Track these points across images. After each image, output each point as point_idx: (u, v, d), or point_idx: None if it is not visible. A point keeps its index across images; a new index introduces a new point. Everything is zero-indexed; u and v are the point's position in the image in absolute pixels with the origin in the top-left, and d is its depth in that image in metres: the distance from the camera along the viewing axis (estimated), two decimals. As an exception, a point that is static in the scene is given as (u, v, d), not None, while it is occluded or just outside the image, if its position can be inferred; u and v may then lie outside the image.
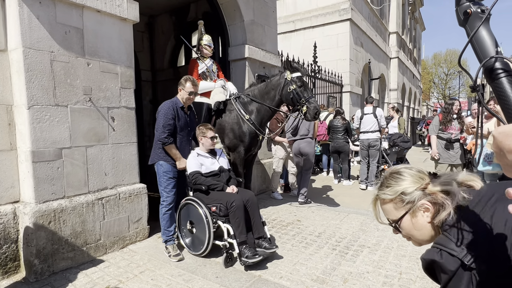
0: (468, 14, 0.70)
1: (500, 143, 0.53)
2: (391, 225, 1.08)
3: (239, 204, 2.82)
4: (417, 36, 26.87)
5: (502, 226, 0.80)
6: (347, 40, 10.99)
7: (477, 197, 0.89)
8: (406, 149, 6.73)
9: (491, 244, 0.80)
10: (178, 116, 3.12)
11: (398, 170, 1.06)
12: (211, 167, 3.14)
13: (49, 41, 2.69)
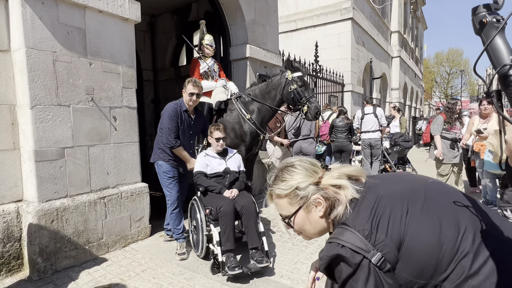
0: (484, 24, 0.72)
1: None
2: (283, 221, 1.05)
3: (227, 209, 2.68)
4: (419, 35, 26.79)
5: (398, 217, 0.83)
6: (348, 39, 10.97)
7: (369, 190, 0.92)
8: (408, 148, 6.74)
9: (389, 234, 0.81)
10: (181, 119, 3.10)
11: (292, 163, 1.04)
12: (217, 168, 3.05)
13: (52, 41, 2.71)
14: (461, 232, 0.81)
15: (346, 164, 1.09)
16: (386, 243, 0.81)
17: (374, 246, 0.81)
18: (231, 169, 3.09)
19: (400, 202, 0.86)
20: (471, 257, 0.79)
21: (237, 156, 3.22)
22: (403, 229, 0.82)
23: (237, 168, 3.15)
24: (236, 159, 3.18)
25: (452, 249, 0.80)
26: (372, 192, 0.91)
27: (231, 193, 2.86)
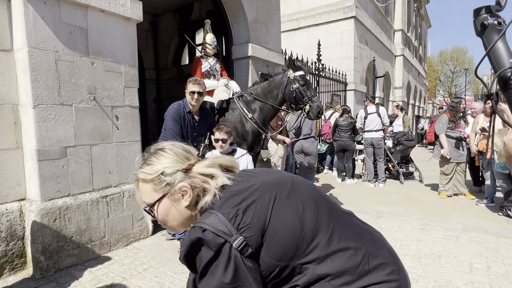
0: (485, 26, 0.73)
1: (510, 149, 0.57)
2: (145, 209, 0.97)
3: None
4: (422, 34, 26.61)
5: (266, 203, 0.85)
6: (351, 38, 10.92)
7: (242, 180, 0.92)
8: (410, 147, 6.70)
9: (255, 218, 0.82)
10: (185, 121, 3.03)
11: (163, 147, 0.97)
12: None
13: (54, 41, 2.72)
14: (320, 216, 0.87)
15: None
16: (250, 227, 0.80)
17: (238, 230, 0.79)
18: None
19: (269, 190, 0.88)
20: (327, 238, 0.84)
21: (245, 158, 3.04)
22: (269, 214, 0.83)
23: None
24: (242, 162, 3.00)
25: (313, 229, 0.84)
26: (244, 182, 0.91)
27: None
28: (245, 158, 3.05)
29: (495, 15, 0.73)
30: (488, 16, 0.73)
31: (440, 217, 4.14)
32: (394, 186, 6.14)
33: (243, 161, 3.04)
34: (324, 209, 0.90)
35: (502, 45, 0.71)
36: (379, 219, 4.05)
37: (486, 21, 0.73)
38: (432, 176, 6.98)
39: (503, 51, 0.70)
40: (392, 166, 6.68)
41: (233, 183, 0.90)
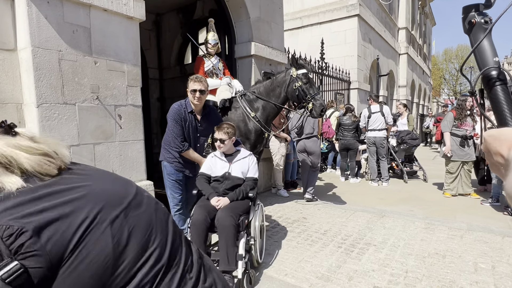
0: (473, 24, 0.74)
1: (489, 144, 0.57)
2: None
3: (197, 219, 2.36)
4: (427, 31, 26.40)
5: (73, 229, 0.57)
6: (355, 36, 10.87)
7: (54, 182, 0.60)
8: (415, 146, 6.65)
9: (50, 249, 0.55)
10: (185, 121, 2.84)
11: None
12: (218, 171, 2.72)
13: (57, 40, 2.73)
14: (151, 256, 0.65)
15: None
16: (38, 254, 0.54)
17: (14, 253, 0.52)
18: (232, 174, 2.69)
19: (92, 205, 0.62)
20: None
21: (247, 161, 2.77)
22: (75, 240, 0.58)
23: (242, 174, 2.71)
24: (244, 164, 2.76)
25: (129, 271, 0.62)
26: (61, 182, 0.62)
27: (217, 202, 2.51)
28: (247, 161, 2.76)
29: (483, 13, 0.74)
30: (475, 14, 0.74)
31: (444, 216, 4.11)
32: (398, 185, 6.10)
33: (245, 163, 2.74)
34: (162, 246, 0.67)
35: (487, 44, 0.72)
36: (383, 218, 4.03)
37: (474, 19, 0.74)
38: (437, 175, 6.92)
39: (488, 50, 0.72)
40: (396, 165, 6.64)
41: (40, 181, 0.60)
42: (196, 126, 2.92)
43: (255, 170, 2.78)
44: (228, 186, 2.66)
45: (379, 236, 3.42)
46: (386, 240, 3.31)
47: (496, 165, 0.57)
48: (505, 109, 0.67)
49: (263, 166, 5.38)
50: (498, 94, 0.69)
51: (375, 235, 3.47)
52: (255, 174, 2.77)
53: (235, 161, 2.75)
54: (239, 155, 2.80)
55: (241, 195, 2.60)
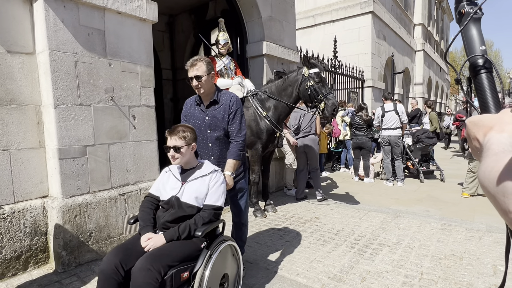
0: (462, 14, 0.76)
1: (469, 130, 0.60)
2: None
3: (105, 268, 1.59)
4: (444, 27, 25.69)
5: None
6: (369, 34, 10.70)
7: None
8: (431, 145, 6.48)
9: None
10: (192, 116, 2.37)
11: None
12: (168, 193, 1.92)
13: (73, 43, 2.81)
14: None
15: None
16: None
17: None
18: (182, 199, 1.86)
19: None
20: None
21: (207, 180, 1.91)
22: None
23: (196, 200, 1.86)
24: (201, 185, 1.89)
25: None
26: None
27: (147, 241, 1.72)
28: (208, 180, 1.91)
29: (472, 3, 0.76)
30: (465, 4, 0.76)
31: (462, 217, 4.00)
32: (413, 185, 5.97)
33: (203, 184, 1.89)
34: None
35: (475, 32, 0.74)
36: (397, 219, 3.95)
37: (463, 9, 0.76)
38: (454, 175, 6.73)
39: (476, 38, 0.74)
40: (412, 164, 6.49)
41: None
42: (203, 119, 2.31)
43: (218, 194, 1.90)
44: (173, 217, 1.83)
45: (393, 237, 3.36)
46: (401, 241, 3.24)
47: (475, 150, 0.59)
48: (488, 96, 0.69)
49: (275, 165, 5.37)
50: (482, 82, 0.71)
51: (389, 235, 3.41)
52: (217, 200, 1.88)
53: (190, 180, 1.91)
54: (198, 171, 1.96)
55: (185, 232, 1.76)
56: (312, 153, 4.82)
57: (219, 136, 2.32)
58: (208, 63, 2.24)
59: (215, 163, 2.24)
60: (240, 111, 2.32)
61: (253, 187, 4.19)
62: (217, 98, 2.31)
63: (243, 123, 2.32)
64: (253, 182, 4.14)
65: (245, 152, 2.36)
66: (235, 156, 2.25)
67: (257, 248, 3.14)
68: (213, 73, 2.25)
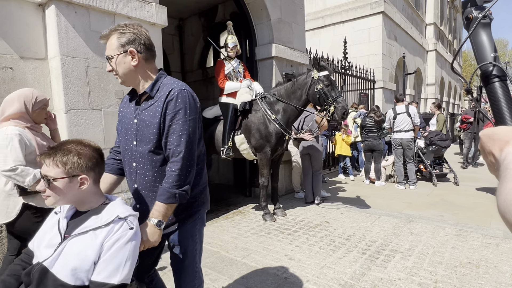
0: (470, 19, 0.72)
1: (483, 144, 0.56)
2: None
3: None
4: (457, 26, 25.19)
5: None
6: (379, 34, 10.57)
7: None
8: (444, 148, 6.34)
9: None
10: (123, 111, 1.53)
11: None
12: (42, 253, 1.14)
13: (84, 48, 2.84)
14: None
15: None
16: None
17: None
18: (51, 270, 1.08)
19: None
20: None
21: (100, 237, 1.12)
22: None
23: (73, 276, 1.07)
24: (89, 246, 1.10)
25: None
26: None
27: None
28: (102, 237, 1.12)
29: (480, 8, 0.71)
30: (472, 9, 0.72)
31: (477, 222, 3.88)
32: (426, 188, 5.84)
33: (93, 246, 1.10)
34: None
35: (485, 38, 0.69)
36: (410, 224, 3.86)
37: (470, 14, 0.71)
38: (469, 177, 6.57)
39: (487, 45, 0.69)
40: (424, 167, 6.36)
41: None
42: (132, 123, 1.43)
43: (117, 263, 1.11)
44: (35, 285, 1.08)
45: (406, 243, 3.28)
46: (414, 247, 3.16)
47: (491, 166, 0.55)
48: (503, 106, 0.65)
49: (285, 168, 5.33)
50: (496, 91, 0.66)
51: (402, 241, 3.33)
52: (112, 275, 1.09)
53: (75, 235, 1.14)
54: (93, 218, 1.18)
55: None
56: (315, 155, 4.76)
57: (146, 151, 1.38)
58: (126, 34, 1.32)
59: (139, 197, 1.44)
60: (184, 114, 1.33)
61: (262, 191, 4.16)
62: (151, 89, 1.38)
63: (187, 135, 1.32)
64: (262, 185, 4.11)
65: (187, 188, 1.34)
66: (166, 196, 1.29)
67: (266, 253, 3.11)
68: (134, 50, 1.32)
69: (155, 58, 1.47)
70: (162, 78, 1.43)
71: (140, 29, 1.38)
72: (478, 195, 5.24)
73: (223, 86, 4.15)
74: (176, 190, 1.31)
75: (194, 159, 1.38)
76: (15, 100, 1.97)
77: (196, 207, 1.54)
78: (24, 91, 2.02)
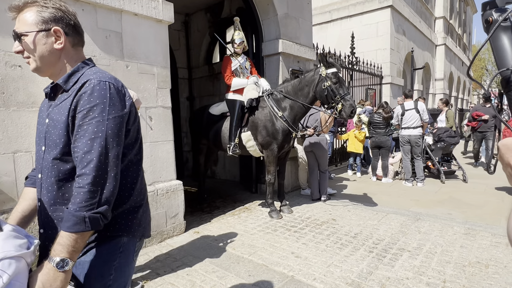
0: (489, 22, 0.69)
1: (502, 155, 0.54)
2: None
3: None
4: (467, 20, 24.70)
5: None
6: (387, 29, 10.41)
7: None
8: (453, 144, 6.25)
9: None
10: (40, 108, 1.24)
11: None
12: None
13: (92, 45, 2.84)
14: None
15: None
16: None
17: None
18: None
19: None
20: None
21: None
22: None
23: None
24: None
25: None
26: None
27: None
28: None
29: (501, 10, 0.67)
30: (492, 11, 0.68)
31: (487, 221, 3.83)
32: (434, 185, 5.78)
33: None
34: None
35: (508, 43, 0.66)
36: (418, 222, 3.83)
37: (490, 17, 0.68)
38: (477, 175, 6.49)
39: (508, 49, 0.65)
40: (432, 164, 6.29)
41: None
42: (44, 122, 1.15)
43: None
44: None
45: (414, 241, 3.26)
46: (422, 246, 3.14)
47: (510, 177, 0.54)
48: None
49: (291, 165, 5.31)
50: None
51: (409, 240, 3.30)
52: None
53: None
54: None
55: None
56: (320, 153, 4.73)
57: (51, 159, 1.08)
58: (51, 9, 1.06)
59: (43, 219, 1.12)
60: (101, 111, 1.02)
61: (268, 188, 4.16)
62: (66, 81, 1.10)
63: (103, 138, 1.01)
64: (268, 182, 4.11)
65: (103, 210, 0.99)
66: (72, 223, 0.95)
67: (273, 251, 3.11)
68: (60, 30, 1.07)
69: (83, 45, 1.22)
70: (84, 69, 1.13)
71: (68, 7, 1.12)
72: (487, 192, 5.17)
73: (229, 82, 4.13)
74: (85, 213, 0.94)
75: (113, 170, 1.02)
76: None
77: (114, 231, 1.11)
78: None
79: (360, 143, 6.55)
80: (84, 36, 1.23)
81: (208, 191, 5.35)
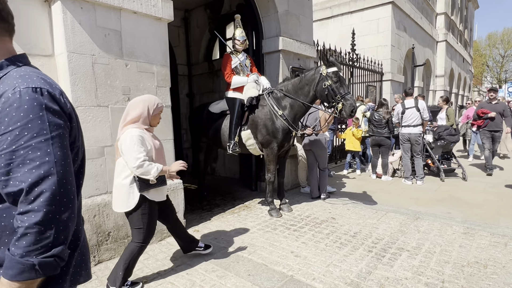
0: None
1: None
2: None
3: None
4: (469, 16, 24.54)
5: None
6: (388, 25, 10.34)
7: None
8: (453, 142, 6.25)
9: None
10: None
11: None
12: None
13: (91, 44, 2.82)
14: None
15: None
16: None
17: None
18: None
19: None
20: None
21: None
22: None
23: None
24: None
25: None
26: None
27: None
28: None
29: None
30: None
31: (486, 220, 3.84)
32: (433, 183, 5.79)
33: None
34: None
35: None
36: (417, 221, 3.84)
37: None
38: (477, 173, 6.49)
39: None
40: (432, 162, 6.29)
41: None
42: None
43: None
44: None
45: (413, 241, 3.27)
46: (421, 245, 3.15)
47: None
48: None
49: (290, 163, 5.31)
50: None
51: (409, 239, 3.31)
52: None
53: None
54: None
55: None
56: (320, 151, 4.72)
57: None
58: None
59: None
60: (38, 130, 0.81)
61: (268, 186, 4.16)
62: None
63: (52, 162, 0.81)
64: (268, 181, 4.11)
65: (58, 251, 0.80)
66: (17, 271, 0.76)
67: (272, 250, 3.12)
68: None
69: (11, 35, 0.94)
70: (10, 68, 0.89)
71: None
72: (486, 191, 5.18)
73: (229, 80, 4.11)
74: (33, 259, 0.77)
75: (70, 199, 0.84)
76: (140, 103, 2.28)
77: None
78: (149, 97, 2.36)
79: (357, 141, 6.56)
80: (13, 24, 0.93)
81: (208, 188, 5.36)
